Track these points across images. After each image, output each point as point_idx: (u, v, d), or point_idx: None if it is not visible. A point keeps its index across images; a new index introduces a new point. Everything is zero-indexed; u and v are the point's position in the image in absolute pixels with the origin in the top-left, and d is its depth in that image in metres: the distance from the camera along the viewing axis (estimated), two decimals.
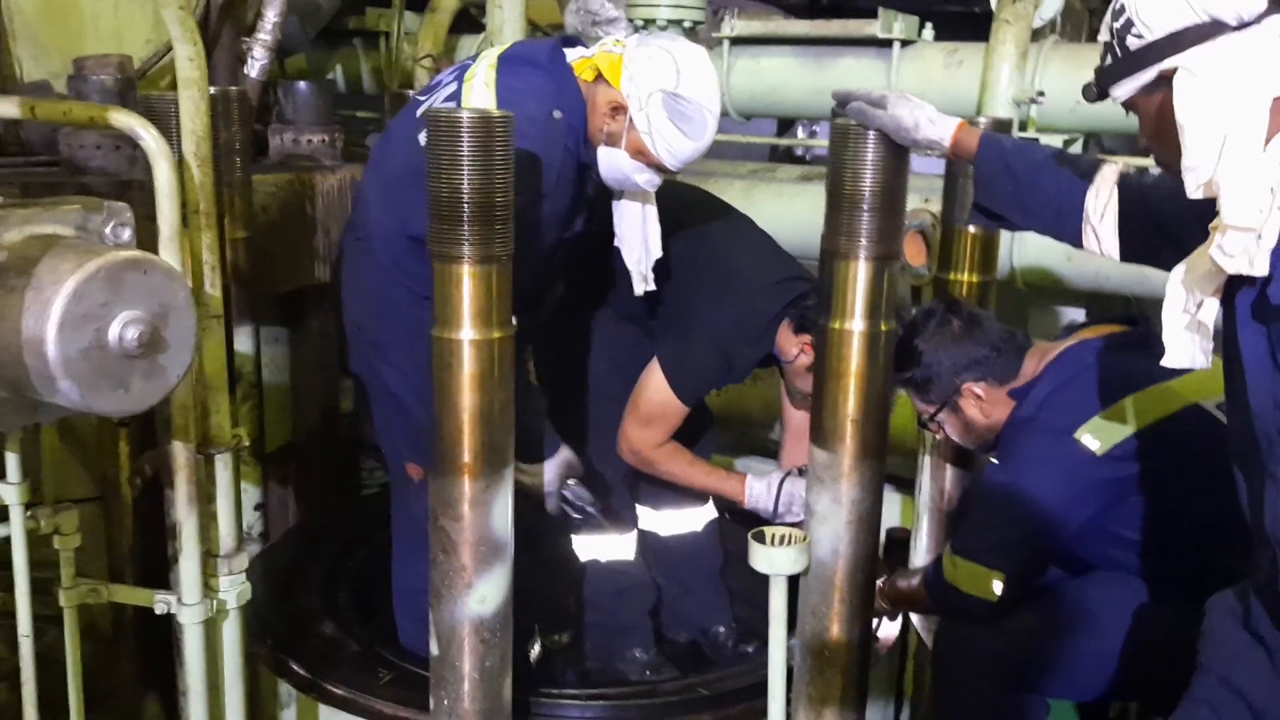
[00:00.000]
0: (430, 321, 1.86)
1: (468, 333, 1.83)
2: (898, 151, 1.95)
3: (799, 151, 5.60)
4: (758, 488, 2.84)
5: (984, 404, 2.34)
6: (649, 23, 3.94)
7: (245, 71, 3.39)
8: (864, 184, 1.95)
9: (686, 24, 3.95)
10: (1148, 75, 1.50)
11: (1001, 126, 2.42)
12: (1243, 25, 1.41)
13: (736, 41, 3.71)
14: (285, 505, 3.32)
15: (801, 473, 2.72)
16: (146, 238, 1.63)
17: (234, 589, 1.90)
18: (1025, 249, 3.20)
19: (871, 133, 1.93)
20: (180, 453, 1.77)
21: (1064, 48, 3.34)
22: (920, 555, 2.74)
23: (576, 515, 2.56)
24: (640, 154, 2.32)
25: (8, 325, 1.41)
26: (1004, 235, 2.55)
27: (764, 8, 4.80)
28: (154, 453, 1.90)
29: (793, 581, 1.97)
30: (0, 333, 1.42)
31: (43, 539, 1.99)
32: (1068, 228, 1.92)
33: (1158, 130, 1.54)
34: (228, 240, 2.56)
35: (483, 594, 1.93)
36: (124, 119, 1.59)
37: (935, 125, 1.92)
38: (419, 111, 2.36)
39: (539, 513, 2.51)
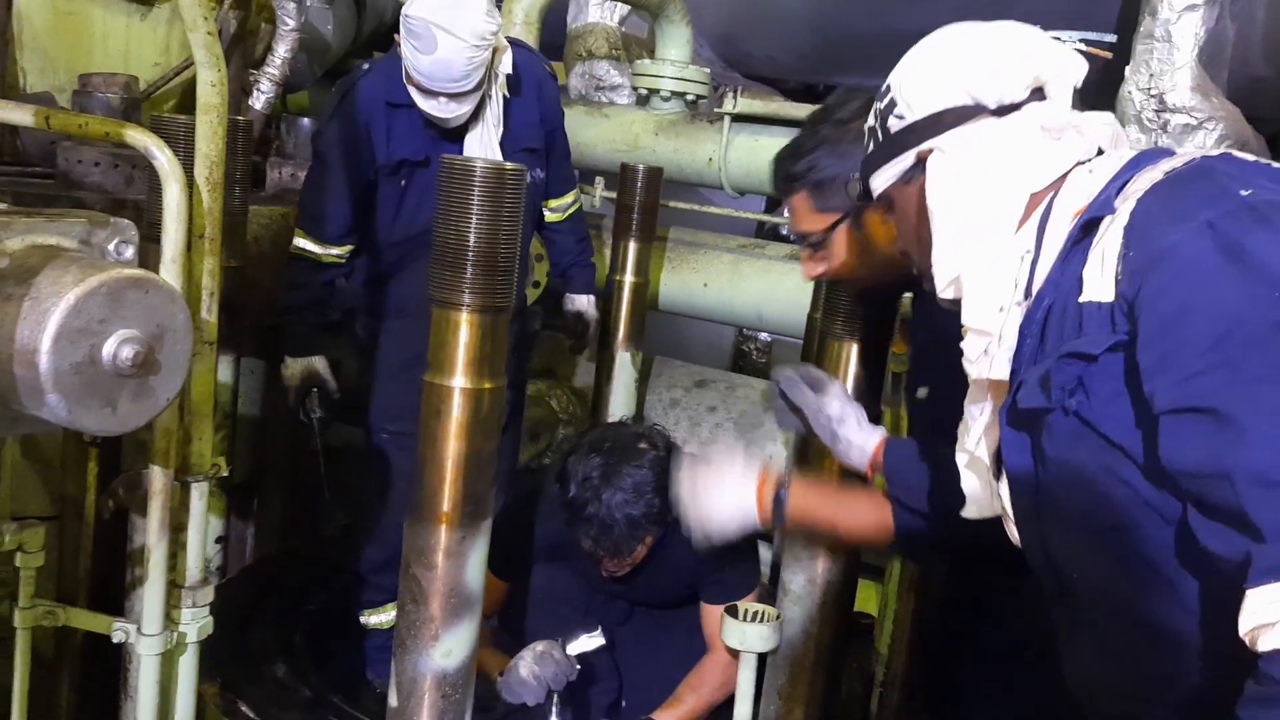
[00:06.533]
0: None
1: (460, 381, 1.82)
2: None
3: (784, 230, 5.68)
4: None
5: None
6: (653, 92, 4.02)
7: (250, 103, 3.40)
8: None
9: (690, 97, 4.03)
10: (907, 160, 1.37)
11: None
12: (1003, 110, 1.32)
13: (738, 118, 3.77)
14: (244, 540, 3.26)
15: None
16: (139, 258, 1.62)
17: (196, 622, 1.84)
18: None
19: None
20: (158, 478, 1.73)
21: None
22: (885, 642, 2.73)
23: (305, 419, 2.81)
24: (409, 79, 2.57)
25: (1, 333, 1.39)
26: None
27: (765, 89, 4.90)
28: (128, 476, 1.86)
29: None
30: None
31: (1, 556, 1.93)
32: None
33: (907, 228, 1.41)
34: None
35: (449, 647, 1.89)
36: (139, 137, 1.58)
37: (861, 430, 1.85)
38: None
39: None
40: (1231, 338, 1.04)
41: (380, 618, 2.85)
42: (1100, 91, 3.74)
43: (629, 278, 3.41)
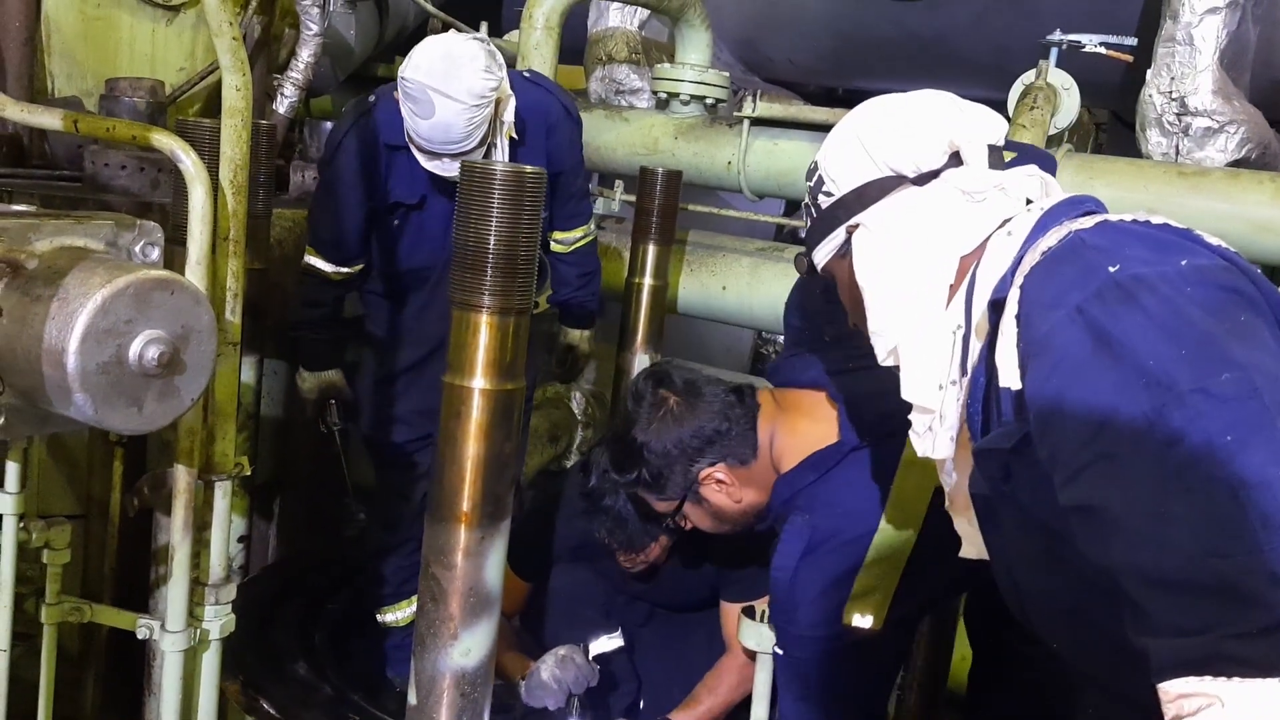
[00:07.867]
0: None
1: (479, 382, 1.83)
2: None
3: (803, 233, 5.68)
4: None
5: (730, 488, 2.04)
6: (672, 96, 4.03)
7: (274, 107, 3.44)
8: None
9: (709, 100, 4.04)
10: (839, 236, 1.39)
11: None
12: (922, 179, 1.33)
13: (757, 122, 3.77)
14: (267, 540, 3.29)
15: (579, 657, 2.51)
16: (165, 260, 1.64)
17: (219, 619, 1.87)
18: None
19: None
20: (182, 477, 1.76)
21: (1076, 157, 3.41)
22: None
23: (324, 430, 2.87)
24: (410, 140, 2.53)
25: (30, 333, 1.41)
26: None
27: (785, 93, 4.90)
28: (153, 475, 1.89)
29: None
30: (21, 340, 1.41)
31: (25, 553, 1.96)
32: None
33: (848, 299, 1.43)
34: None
35: (468, 646, 1.90)
36: (166, 141, 1.61)
37: None
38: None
39: None
40: (1105, 431, 1.03)
41: (396, 615, 2.88)
42: (1122, 94, 3.73)
43: (648, 281, 3.42)
